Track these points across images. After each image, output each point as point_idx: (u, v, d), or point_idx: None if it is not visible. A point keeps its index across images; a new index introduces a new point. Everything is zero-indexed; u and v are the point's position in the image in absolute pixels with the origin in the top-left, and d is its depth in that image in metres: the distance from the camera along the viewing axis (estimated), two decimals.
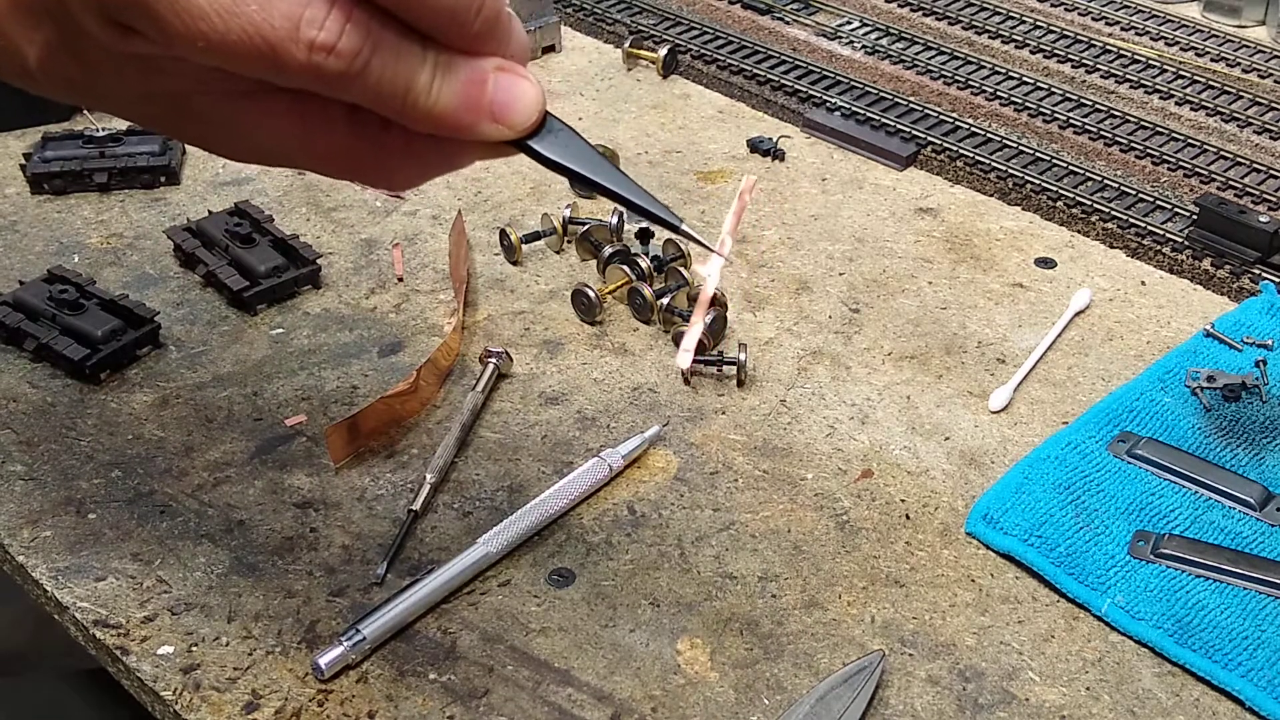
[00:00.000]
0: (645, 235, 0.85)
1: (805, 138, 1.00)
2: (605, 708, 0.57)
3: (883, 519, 0.67)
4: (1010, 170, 0.94)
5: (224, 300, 0.81)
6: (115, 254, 0.85)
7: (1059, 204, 0.91)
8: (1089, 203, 0.91)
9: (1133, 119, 1.01)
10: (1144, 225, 0.88)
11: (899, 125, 0.99)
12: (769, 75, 1.06)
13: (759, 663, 0.59)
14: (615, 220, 0.85)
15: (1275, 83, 1.07)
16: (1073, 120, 1.01)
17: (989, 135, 0.98)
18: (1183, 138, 0.98)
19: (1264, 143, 0.99)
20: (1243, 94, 1.04)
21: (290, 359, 0.77)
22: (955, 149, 0.96)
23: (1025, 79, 1.06)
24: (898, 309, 0.82)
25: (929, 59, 1.09)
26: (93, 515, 0.66)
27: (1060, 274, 0.85)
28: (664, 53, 1.07)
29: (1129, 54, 1.10)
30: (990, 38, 1.14)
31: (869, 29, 1.15)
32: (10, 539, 0.64)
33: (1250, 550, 0.64)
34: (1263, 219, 0.85)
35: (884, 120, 1.00)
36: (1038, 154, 0.96)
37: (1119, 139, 0.98)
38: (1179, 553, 0.63)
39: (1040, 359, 0.78)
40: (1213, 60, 1.10)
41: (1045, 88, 1.05)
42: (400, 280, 0.84)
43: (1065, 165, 0.95)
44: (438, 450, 0.69)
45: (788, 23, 1.16)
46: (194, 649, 0.59)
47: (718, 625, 0.61)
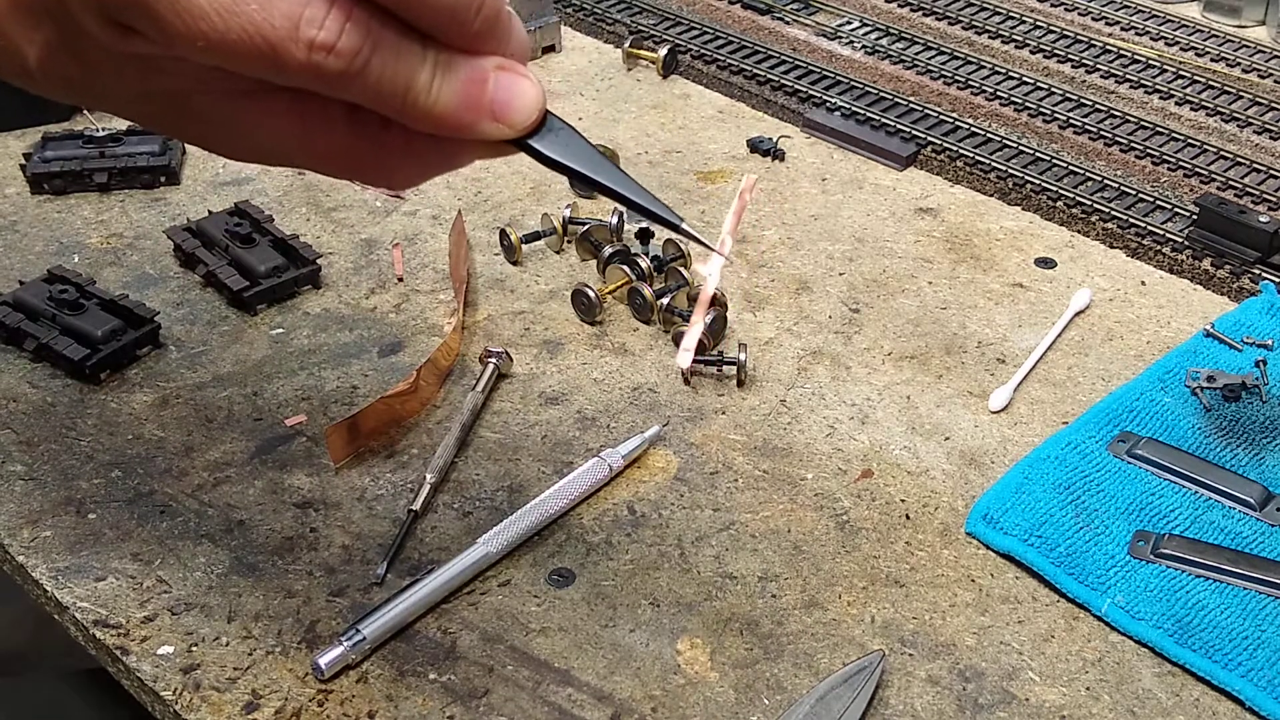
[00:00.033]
0: (645, 235, 0.85)
1: (805, 138, 1.00)
2: (605, 708, 0.57)
3: (883, 519, 0.67)
4: (1010, 170, 0.94)
5: (224, 300, 0.81)
6: (115, 254, 0.85)
7: (1059, 204, 0.91)
8: (1089, 203, 0.91)
9: (1133, 119, 1.01)
10: (1144, 225, 0.88)
11: (899, 125, 0.99)
12: (769, 75, 1.06)
13: (759, 663, 0.59)
14: (615, 220, 0.85)
15: (1275, 83, 1.07)
16: (1073, 120, 1.01)
17: (989, 135, 0.98)
18: (1183, 138, 0.98)
19: (1264, 143, 0.99)
20: (1243, 94, 1.04)
21: (290, 359, 0.77)
22: (955, 149, 0.96)
23: (1025, 79, 1.06)
24: (898, 309, 0.82)
25: (929, 59, 1.09)
26: (93, 515, 0.66)
27: (1060, 274, 0.85)
28: (664, 53, 1.07)
29: (1129, 54, 1.10)
30: (990, 38, 1.14)
31: (869, 29, 1.15)
32: (10, 539, 0.64)
33: (1250, 550, 0.64)
34: (1263, 219, 0.85)
35: (884, 120, 1.00)
36: (1038, 154, 0.96)
37: (1119, 139, 0.98)
38: (1179, 553, 0.63)
39: (1040, 359, 0.78)
40: (1213, 60, 1.10)
41: (1045, 88, 1.05)
42: (400, 280, 0.84)
43: (1065, 165, 0.95)
44: (438, 450, 0.69)
45: (788, 23, 1.16)
46: (194, 649, 0.59)
47: (718, 625, 0.61)
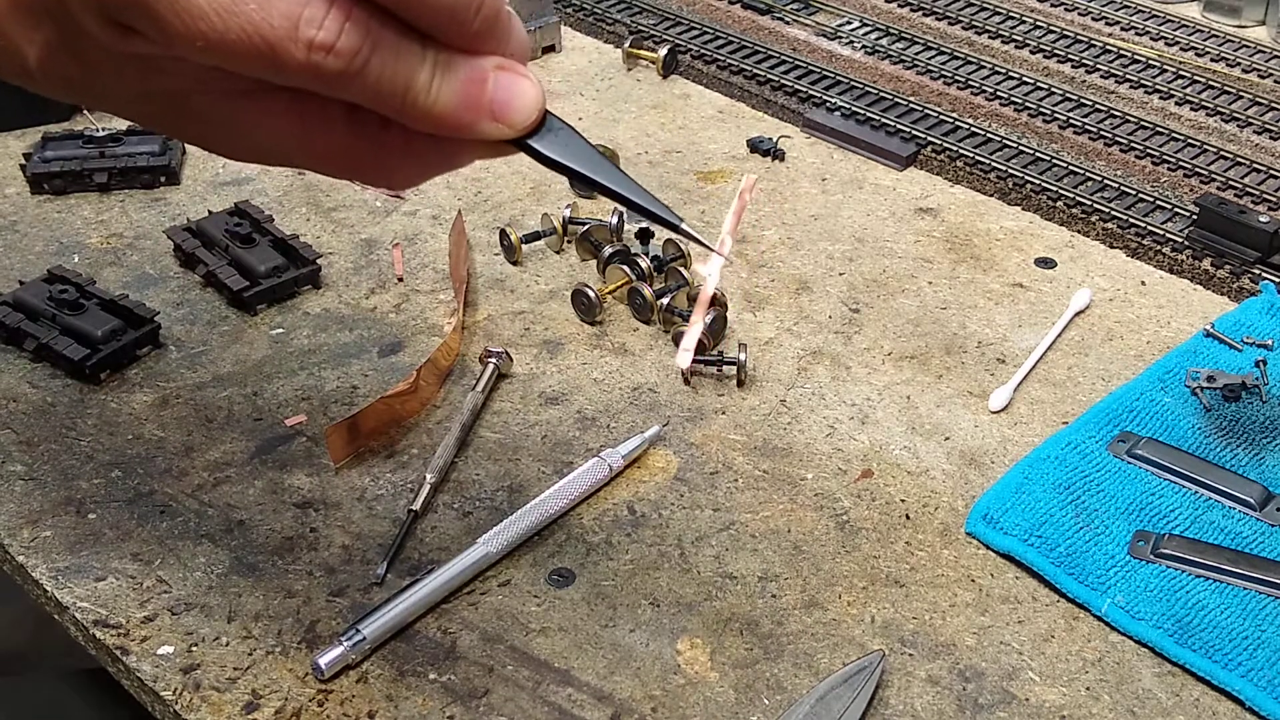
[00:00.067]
0: (645, 235, 0.85)
1: (805, 138, 1.00)
2: (605, 708, 0.57)
3: (883, 519, 0.67)
4: (1010, 170, 0.94)
5: (224, 300, 0.81)
6: (115, 254, 0.85)
7: (1059, 204, 0.91)
8: (1089, 203, 0.91)
9: (1133, 119, 1.01)
10: (1144, 225, 0.88)
11: (899, 125, 0.99)
12: (769, 75, 1.06)
13: (759, 663, 0.59)
14: (615, 220, 0.85)
15: (1275, 83, 1.07)
16: (1073, 120, 1.01)
17: (989, 135, 0.98)
18: (1183, 138, 0.98)
19: (1264, 143, 0.99)
20: (1243, 94, 1.04)
21: (290, 359, 0.77)
22: (955, 149, 0.96)
23: (1025, 79, 1.06)
24: (898, 309, 0.82)
25: (929, 59, 1.09)
26: (93, 515, 0.66)
27: (1060, 274, 0.85)
28: (664, 53, 1.07)
29: (1129, 54, 1.10)
30: (990, 38, 1.14)
31: (869, 29, 1.15)
32: (10, 539, 0.64)
33: (1250, 550, 0.64)
34: (1263, 219, 0.85)
35: (884, 120, 1.00)
36: (1038, 154, 0.96)
37: (1119, 139, 0.98)
38: (1179, 553, 0.63)
39: (1040, 359, 0.78)
40: (1213, 60, 1.10)
41: (1045, 88, 1.05)
42: (400, 280, 0.84)
43: (1065, 165, 0.95)
44: (438, 450, 0.69)
45: (788, 23, 1.16)
46: (194, 649, 0.59)
47: (718, 625, 0.61)
